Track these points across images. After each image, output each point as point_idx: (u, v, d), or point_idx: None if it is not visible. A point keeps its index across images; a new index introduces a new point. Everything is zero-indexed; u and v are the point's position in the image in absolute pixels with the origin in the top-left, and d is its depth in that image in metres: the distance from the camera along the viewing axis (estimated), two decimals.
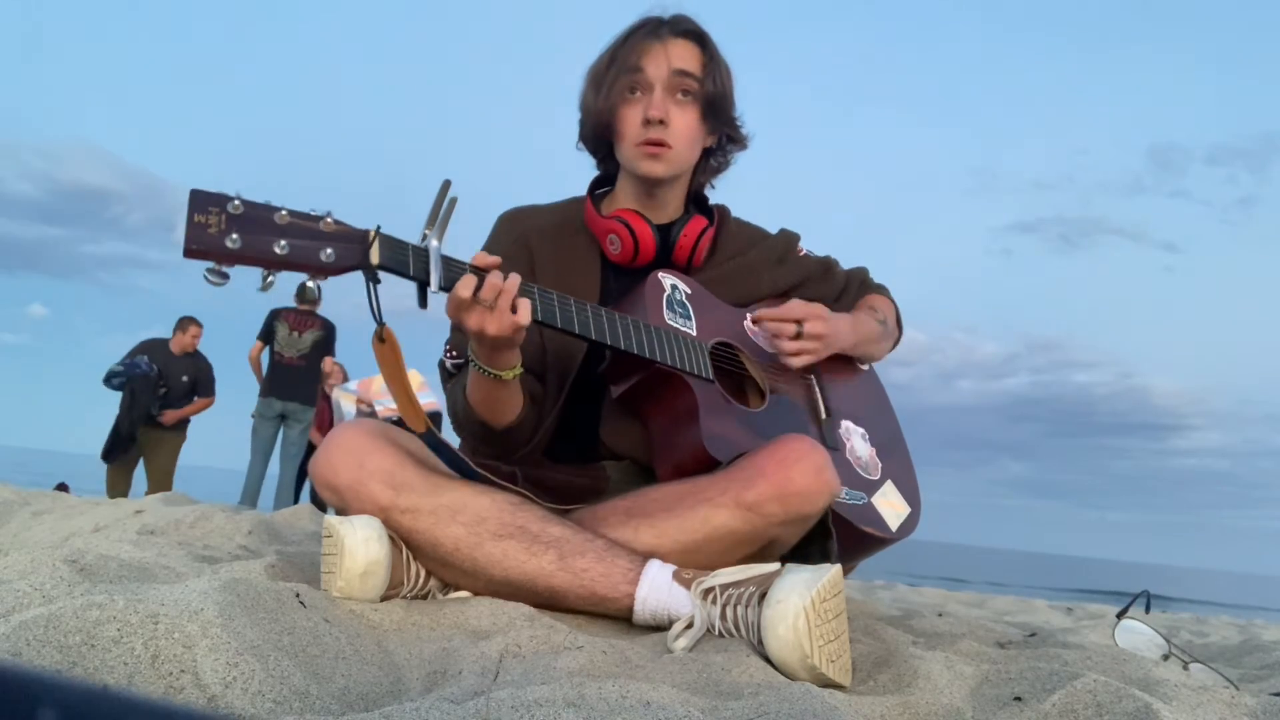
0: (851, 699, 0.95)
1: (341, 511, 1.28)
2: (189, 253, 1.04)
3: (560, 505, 1.36)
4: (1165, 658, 1.45)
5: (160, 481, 6.00)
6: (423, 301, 1.20)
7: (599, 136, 1.61)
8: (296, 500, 5.94)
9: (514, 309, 1.23)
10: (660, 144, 1.52)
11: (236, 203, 1.06)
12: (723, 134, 1.65)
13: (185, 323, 5.99)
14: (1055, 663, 1.19)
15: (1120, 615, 1.57)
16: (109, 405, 5.86)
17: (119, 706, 0.29)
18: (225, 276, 1.06)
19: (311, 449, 6.10)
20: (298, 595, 1.04)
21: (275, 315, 5.95)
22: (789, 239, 1.77)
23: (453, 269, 1.21)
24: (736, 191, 1.74)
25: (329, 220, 1.12)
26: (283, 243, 1.08)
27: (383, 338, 1.18)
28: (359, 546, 1.16)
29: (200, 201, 1.05)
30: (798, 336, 1.55)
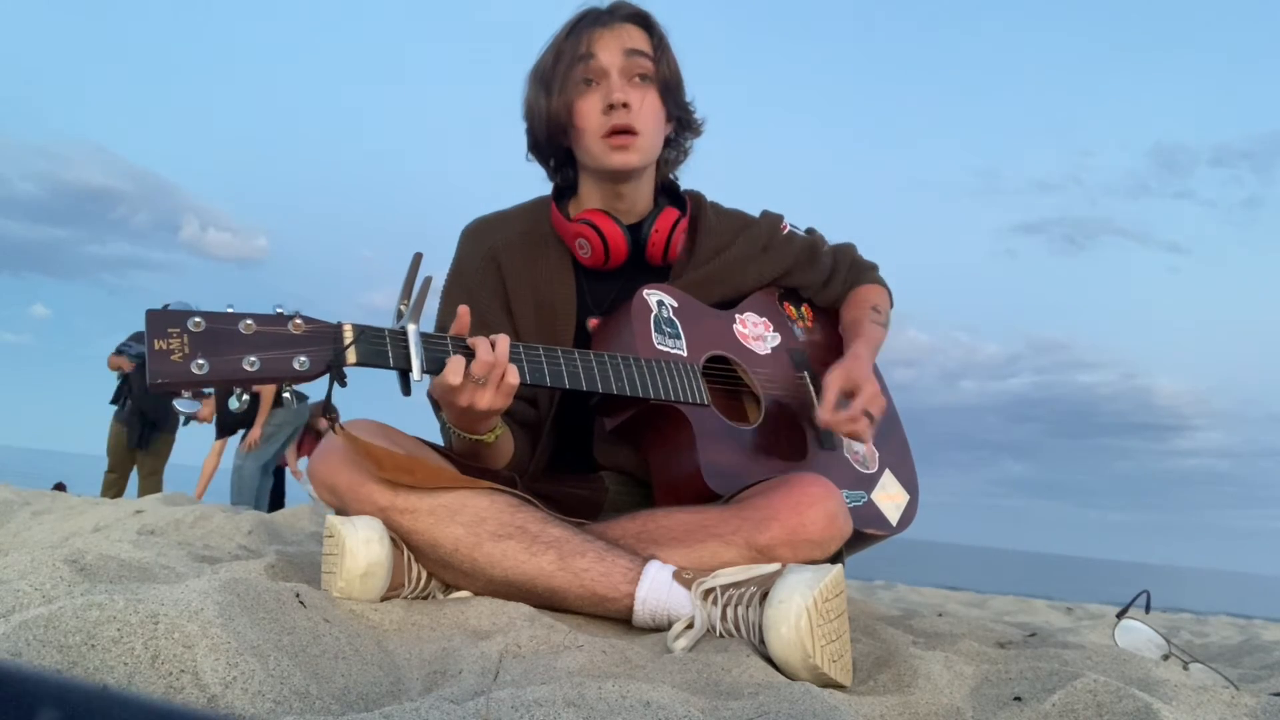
0: (851, 699, 0.96)
1: (341, 512, 1.28)
2: (155, 387, 0.99)
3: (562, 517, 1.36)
4: (1165, 658, 1.45)
5: (150, 482, 6.01)
6: (405, 389, 1.15)
7: (553, 139, 1.52)
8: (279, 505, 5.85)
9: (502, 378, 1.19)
10: (627, 131, 1.45)
11: (197, 319, 1.01)
12: (678, 120, 1.58)
13: None
14: (1055, 663, 1.19)
15: (1120, 615, 1.57)
16: (110, 406, 5.90)
17: (119, 706, 0.29)
18: (199, 402, 1.03)
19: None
20: (298, 595, 1.04)
21: None
22: (772, 222, 1.69)
23: (433, 349, 1.16)
24: (737, 192, 1.72)
25: (298, 321, 1.07)
26: (252, 358, 1.03)
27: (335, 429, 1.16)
28: (360, 547, 1.16)
29: (158, 324, 0.99)
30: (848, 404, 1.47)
